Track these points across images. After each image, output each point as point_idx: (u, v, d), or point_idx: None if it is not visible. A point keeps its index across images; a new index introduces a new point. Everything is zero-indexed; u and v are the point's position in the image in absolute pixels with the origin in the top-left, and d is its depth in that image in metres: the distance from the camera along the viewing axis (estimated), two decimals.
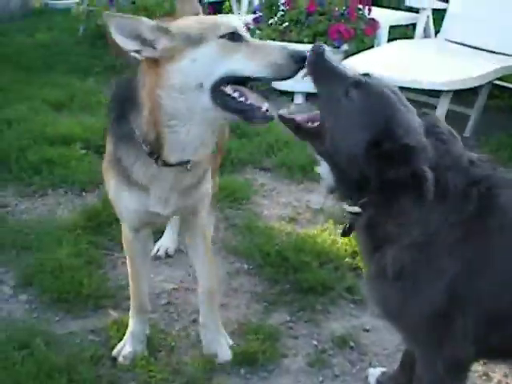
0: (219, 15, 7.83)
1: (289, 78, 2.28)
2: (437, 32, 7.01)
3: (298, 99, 6.53)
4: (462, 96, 5.87)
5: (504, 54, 6.13)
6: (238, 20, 2.44)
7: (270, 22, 6.54)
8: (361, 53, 6.18)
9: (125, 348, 2.94)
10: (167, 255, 3.69)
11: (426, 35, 7.02)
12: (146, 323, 2.99)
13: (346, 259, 3.71)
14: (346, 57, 6.19)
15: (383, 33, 6.84)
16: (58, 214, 4.12)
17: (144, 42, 2.28)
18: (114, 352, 2.95)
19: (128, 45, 2.27)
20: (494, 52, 6.25)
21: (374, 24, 6.59)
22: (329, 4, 6.39)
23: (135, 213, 2.68)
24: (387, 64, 5.92)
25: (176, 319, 3.24)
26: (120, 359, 2.92)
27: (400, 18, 7.31)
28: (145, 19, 2.31)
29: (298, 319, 3.28)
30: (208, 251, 2.97)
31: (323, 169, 2.31)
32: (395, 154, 2.06)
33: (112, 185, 2.65)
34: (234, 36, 2.28)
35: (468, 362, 2.30)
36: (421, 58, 6.16)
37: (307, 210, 4.34)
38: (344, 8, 6.43)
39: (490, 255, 2.13)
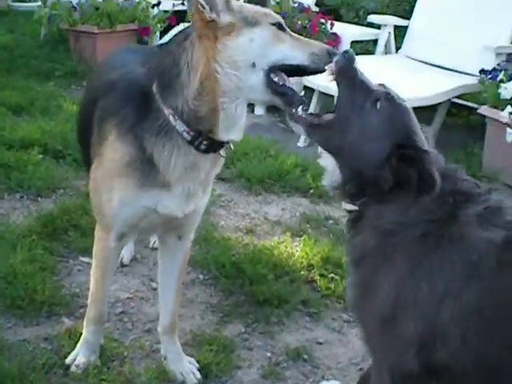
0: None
1: (323, 71, 2.39)
2: (398, 48, 7.11)
3: (259, 111, 6.56)
4: (421, 113, 5.91)
5: (463, 73, 6.23)
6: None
7: None
8: None
9: (78, 357, 2.90)
10: (122, 264, 3.67)
11: (387, 51, 7.11)
12: (101, 333, 2.96)
13: (302, 272, 3.73)
14: None
15: (345, 48, 6.89)
16: (13, 219, 4.07)
17: (211, 5, 2.33)
18: (67, 360, 2.91)
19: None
20: (453, 70, 6.35)
21: (335, 39, 6.66)
22: (291, 18, 6.43)
23: (142, 217, 2.61)
24: None
25: (130, 329, 3.22)
26: (73, 368, 2.88)
27: (362, 33, 7.40)
28: None
29: (252, 331, 3.29)
30: (181, 281, 2.98)
31: (328, 164, 2.34)
32: (416, 157, 2.16)
33: (122, 189, 2.53)
34: (281, 26, 2.41)
35: (414, 378, 2.23)
36: (381, 75, 6.18)
37: (265, 221, 4.36)
38: (307, 22, 6.49)
39: (437, 264, 2.13)
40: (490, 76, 5.51)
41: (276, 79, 2.39)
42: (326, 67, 2.36)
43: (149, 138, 2.46)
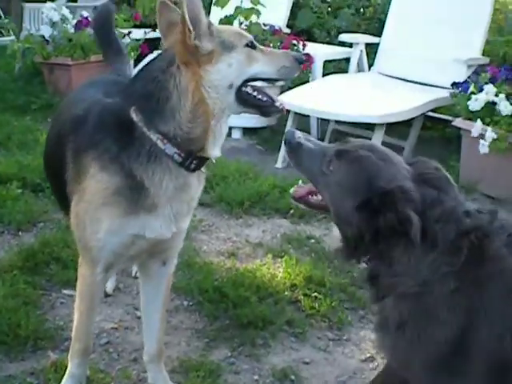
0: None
1: (293, 77, 2.69)
2: (370, 66, 7.17)
3: (236, 134, 6.61)
4: (396, 128, 6.00)
5: (436, 86, 6.30)
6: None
7: None
8: (296, 88, 6.29)
9: None
10: (106, 294, 3.66)
11: (359, 69, 7.18)
12: (86, 365, 2.94)
13: (286, 293, 3.74)
14: (282, 92, 6.29)
15: (318, 67, 6.96)
16: None
17: (195, 29, 2.41)
18: None
19: (188, 21, 2.39)
20: (426, 84, 6.42)
21: (308, 59, 6.70)
22: (263, 41, 6.48)
23: (129, 245, 2.61)
24: (322, 98, 6.04)
25: (116, 359, 3.22)
26: None
27: (334, 52, 7.46)
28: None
29: (238, 354, 3.29)
30: (165, 308, 2.98)
31: (337, 234, 2.40)
32: (379, 203, 2.16)
33: (109, 219, 2.53)
34: (253, 44, 2.54)
35: None
36: (355, 92, 6.30)
37: (246, 244, 4.37)
38: (279, 44, 6.54)
39: (486, 303, 2.11)
40: (460, 88, 5.57)
41: (255, 93, 2.51)
42: (295, 75, 2.62)
43: (138, 166, 2.47)
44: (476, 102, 5.21)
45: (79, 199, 2.60)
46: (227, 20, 6.58)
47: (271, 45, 6.50)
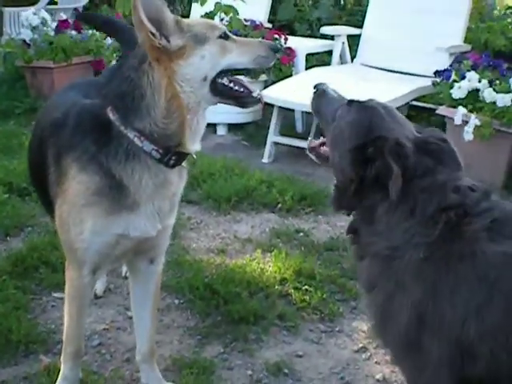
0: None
1: (269, 66, 2.63)
2: (353, 57, 7.18)
3: (221, 131, 6.60)
4: None
5: (419, 76, 6.31)
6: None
7: None
8: (279, 82, 6.29)
9: None
10: (96, 296, 3.66)
11: (342, 61, 7.18)
12: (79, 367, 2.93)
13: (276, 287, 3.75)
14: (266, 86, 6.29)
15: (300, 61, 6.97)
16: None
17: (161, 30, 2.39)
18: None
19: (148, 24, 2.36)
20: (409, 74, 6.43)
21: (290, 53, 6.71)
22: (245, 36, 6.47)
23: (114, 245, 2.60)
24: (306, 92, 6.01)
25: (109, 360, 3.21)
26: None
27: (316, 45, 7.47)
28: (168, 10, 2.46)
29: (231, 350, 3.29)
30: (156, 307, 2.98)
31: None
32: (371, 151, 2.18)
33: (92, 219, 2.52)
34: (226, 35, 2.52)
35: None
36: (338, 84, 6.24)
37: (235, 240, 4.38)
38: (260, 38, 6.52)
39: (453, 284, 2.08)
40: (443, 77, 5.58)
41: (231, 84, 2.51)
42: (270, 64, 2.58)
43: (116, 164, 2.47)
44: (459, 90, 5.22)
45: (62, 201, 2.59)
46: (208, 16, 6.56)
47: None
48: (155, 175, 2.52)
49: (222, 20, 6.72)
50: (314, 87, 2.57)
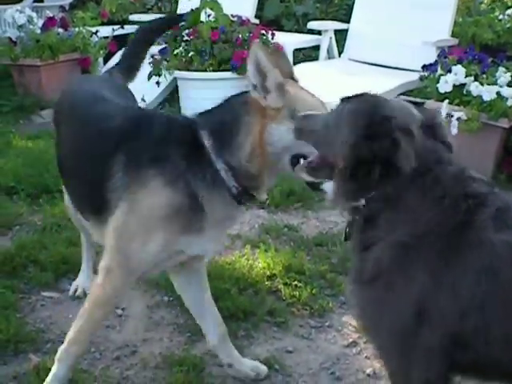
0: None
1: None
2: (340, 52, 7.19)
3: None
4: None
5: (407, 70, 6.33)
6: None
7: (175, 52, 6.59)
8: None
9: None
10: (85, 294, 3.64)
11: (329, 56, 7.19)
12: (72, 367, 2.92)
13: (266, 283, 3.75)
14: None
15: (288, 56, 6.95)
16: None
17: (263, 84, 2.52)
18: None
19: (251, 76, 2.53)
20: (397, 68, 6.45)
21: (277, 48, 6.69)
22: (232, 32, 6.48)
23: (170, 259, 2.71)
24: None
25: (98, 358, 3.20)
26: None
27: (303, 41, 7.47)
28: (277, 71, 2.54)
29: None
30: (209, 291, 3.07)
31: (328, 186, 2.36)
32: (379, 128, 2.11)
33: (165, 235, 2.58)
34: None
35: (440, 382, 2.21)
36: (326, 79, 6.30)
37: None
38: (247, 34, 6.53)
39: (460, 273, 2.06)
40: (429, 71, 5.59)
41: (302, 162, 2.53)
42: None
43: (202, 188, 2.58)
44: (446, 84, 5.23)
45: (130, 209, 2.61)
46: (194, 14, 6.56)
47: (240, 35, 6.49)
48: (227, 207, 2.66)
49: (208, 16, 6.71)
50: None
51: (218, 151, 2.56)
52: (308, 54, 7.73)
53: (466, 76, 5.26)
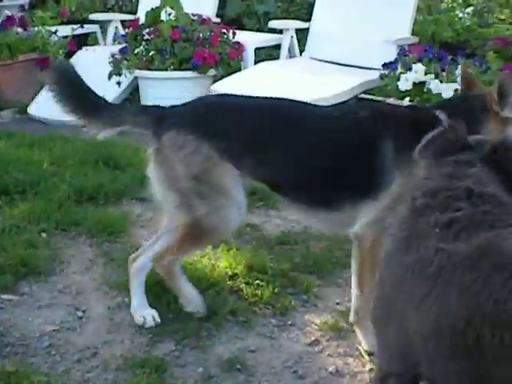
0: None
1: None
2: (301, 51, 7.19)
3: None
4: None
5: (368, 68, 6.35)
6: None
7: (135, 51, 6.55)
8: (228, 77, 6.28)
9: None
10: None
11: (291, 55, 7.19)
12: None
13: (228, 282, 3.73)
14: (214, 81, 6.27)
15: (249, 55, 6.97)
16: None
17: (501, 100, 3.12)
18: None
19: (494, 97, 3.13)
20: (358, 67, 6.48)
21: (238, 47, 6.71)
22: (192, 31, 6.46)
23: None
24: (254, 86, 6.03)
25: (59, 361, 3.16)
26: None
27: (264, 39, 7.47)
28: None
29: (183, 347, 3.26)
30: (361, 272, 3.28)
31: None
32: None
33: None
34: None
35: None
36: (287, 78, 6.31)
37: None
38: (208, 33, 6.52)
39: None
40: (390, 69, 5.63)
41: None
42: None
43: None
44: (406, 82, 5.26)
45: (404, 183, 3.01)
46: (154, 13, 6.53)
47: (200, 34, 6.47)
48: None
49: (169, 15, 6.68)
50: None
51: None
52: (269, 53, 7.72)
53: (426, 74, 5.33)
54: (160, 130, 3.20)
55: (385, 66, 5.75)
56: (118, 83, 6.85)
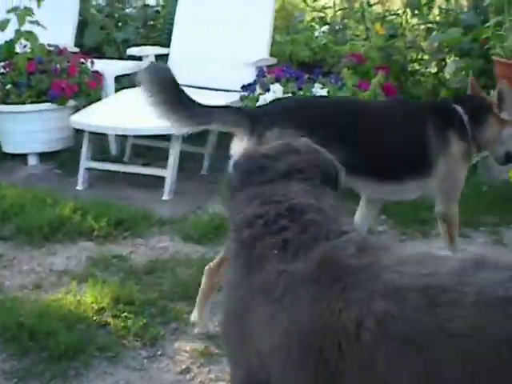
0: None
1: None
2: None
3: (32, 160, 6.39)
4: (195, 136, 6.01)
5: (228, 91, 6.40)
6: None
7: None
8: (88, 106, 6.18)
9: None
10: None
11: None
12: None
13: (94, 317, 3.66)
14: (76, 111, 6.16)
15: (109, 84, 6.88)
16: None
17: (500, 104, 3.94)
18: None
19: (494, 99, 3.98)
20: (219, 90, 6.51)
21: (97, 76, 6.63)
22: (49, 62, 6.33)
23: None
24: (118, 115, 5.98)
25: None
26: None
27: (124, 67, 7.37)
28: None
29: None
30: None
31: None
32: None
33: (465, 170, 3.98)
34: None
35: None
36: (144, 106, 6.26)
37: (51, 273, 4.23)
38: (66, 64, 6.41)
39: None
40: (248, 91, 5.69)
41: None
42: None
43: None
44: (265, 103, 5.33)
45: (451, 160, 3.87)
46: (8, 45, 6.36)
47: (58, 65, 6.35)
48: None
49: (24, 47, 6.52)
50: None
51: (471, 125, 3.85)
52: (131, 81, 7.65)
53: (284, 93, 5.40)
54: (259, 128, 3.53)
55: (243, 87, 5.81)
56: None
